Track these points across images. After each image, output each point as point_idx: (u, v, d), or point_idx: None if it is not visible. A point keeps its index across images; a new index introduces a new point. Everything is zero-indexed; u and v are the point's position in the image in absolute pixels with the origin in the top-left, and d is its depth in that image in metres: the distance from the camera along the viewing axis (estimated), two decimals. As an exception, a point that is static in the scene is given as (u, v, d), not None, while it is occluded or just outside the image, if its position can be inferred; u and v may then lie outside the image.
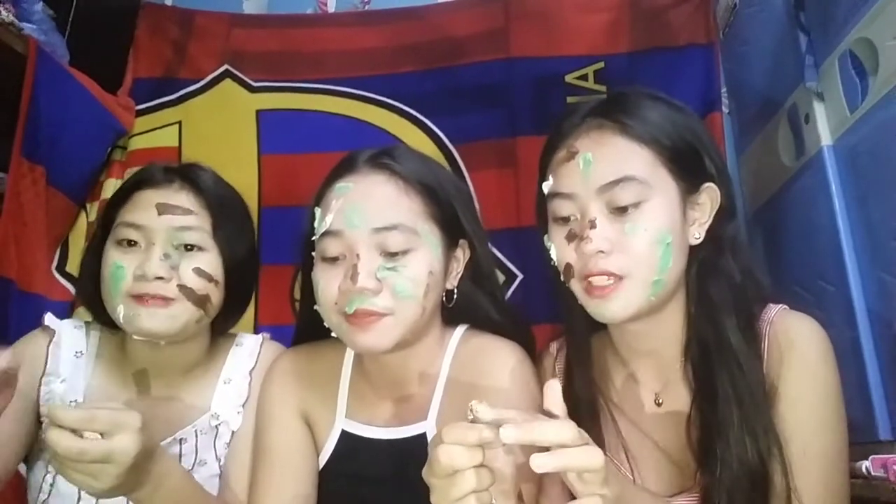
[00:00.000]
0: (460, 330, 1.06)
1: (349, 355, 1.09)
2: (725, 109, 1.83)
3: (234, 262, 1.09)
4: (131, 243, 1.04)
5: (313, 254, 0.99)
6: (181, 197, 1.07)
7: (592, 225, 0.87)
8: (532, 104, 1.85)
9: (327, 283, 0.95)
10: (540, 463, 0.66)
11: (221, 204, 1.10)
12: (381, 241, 0.93)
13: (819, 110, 1.39)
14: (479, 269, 1.05)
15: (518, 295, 1.72)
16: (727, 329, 0.90)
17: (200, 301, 1.04)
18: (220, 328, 1.16)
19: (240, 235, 1.11)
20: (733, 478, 0.84)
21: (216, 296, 1.07)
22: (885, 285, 1.19)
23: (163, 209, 1.05)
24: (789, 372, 0.88)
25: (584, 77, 1.84)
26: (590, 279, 0.88)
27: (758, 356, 0.90)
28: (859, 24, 1.23)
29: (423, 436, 1.00)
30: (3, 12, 1.49)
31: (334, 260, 0.95)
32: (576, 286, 0.91)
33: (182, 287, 1.02)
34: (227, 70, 1.95)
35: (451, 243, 1.01)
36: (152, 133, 1.88)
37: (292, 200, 1.82)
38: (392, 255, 0.93)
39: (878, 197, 1.22)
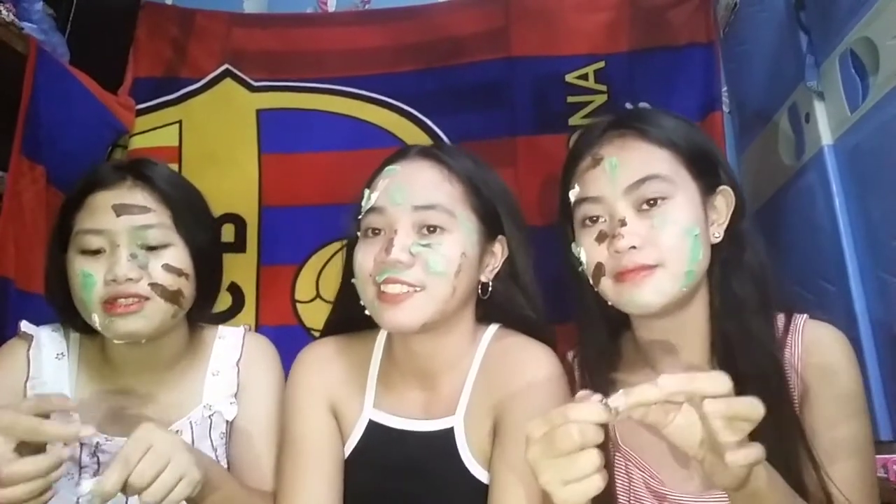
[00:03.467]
0: (493, 328, 1.08)
1: (378, 346, 1.11)
2: (725, 109, 1.83)
3: (200, 251, 1.09)
4: (96, 251, 1.03)
5: (358, 233, 1.04)
6: (136, 195, 1.06)
7: (623, 223, 0.91)
8: (532, 104, 1.84)
9: (364, 256, 1.00)
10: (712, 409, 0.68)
11: (177, 197, 1.09)
12: (419, 219, 0.98)
13: (819, 110, 1.39)
14: (515, 268, 1.07)
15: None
16: (751, 321, 0.93)
17: (173, 296, 1.04)
18: (197, 318, 1.16)
19: (200, 225, 1.11)
20: None
21: (188, 289, 1.07)
22: (885, 285, 1.19)
23: (120, 210, 1.03)
24: (815, 372, 0.92)
25: (584, 76, 1.84)
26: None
27: (780, 347, 0.94)
28: (859, 24, 1.23)
29: (450, 430, 1.01)
30: (4, 12, 1.49)
31: (375, 235, 1.00)
32: (606, 283, 0.94)
33: (154, 285, 1.02)
34: (227, 69, 1.94)
35: (488, 236, 1.04)
36: (153, 132, 1.88)
37: (293, 200, 1.82)
38: (428, 234, 0.98)
39: (878, 197, 1.22)
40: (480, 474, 0.99)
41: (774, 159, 1.59)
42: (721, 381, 0.69)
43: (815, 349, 0.94)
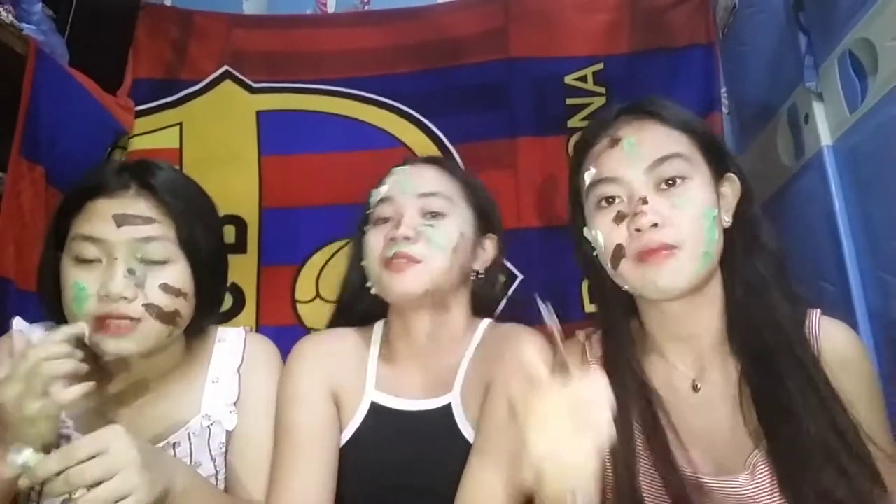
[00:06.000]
0: (487, 320, 1.19)
1: (377, 334, 1.19)
2: (725, 109, 1.83)
3: (203, 266, 1.03)
4: (91, 261, 0.97)
5: (365, 228, 1.16)
6: (139, 205, 0.99)
7: (644, 201, 0.91)
8: (532, 105, 1.84)
9: (376, 238, 1.12)
10: None
11: (183, 207, 1.02)
12: (423, 205, 1.11)
13: (819, 110, 1.39)
14: (496, 272, 1.23)
15: (518, 295, 1.72)
16: (775, 300, 0.94)
17: (168, 318, 0.99)
18: (195, 329, 1.11)
19: (205, 234, 1.04)
20: (808, 450, 0.86)
21: (185, 308, 1.02)
22: (885, 285, 1.19)
23: (121, 220, 0.97)
24: (835, 368, 0.92)
25: (583, 78, 1.84)
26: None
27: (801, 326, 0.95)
28: (859, 25, 1.23)
29: (448, 406, 1.09)
30: (3, 13, 1.49)
31: (384, 223, 1.12)
32: (626, 266, 0.94)
33: (148, 306, 0.96)
34: (227, 71, 1.94)
35: (481, 230, 1.18)
36: (153, 134, 1.87)
37: (293, 202, 1.82)
38: (431, 217, 1.11)
39: (878, 197, 1.22)
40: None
41: (774, 160, 1.59)
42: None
43: (832, 345, 0.94)
